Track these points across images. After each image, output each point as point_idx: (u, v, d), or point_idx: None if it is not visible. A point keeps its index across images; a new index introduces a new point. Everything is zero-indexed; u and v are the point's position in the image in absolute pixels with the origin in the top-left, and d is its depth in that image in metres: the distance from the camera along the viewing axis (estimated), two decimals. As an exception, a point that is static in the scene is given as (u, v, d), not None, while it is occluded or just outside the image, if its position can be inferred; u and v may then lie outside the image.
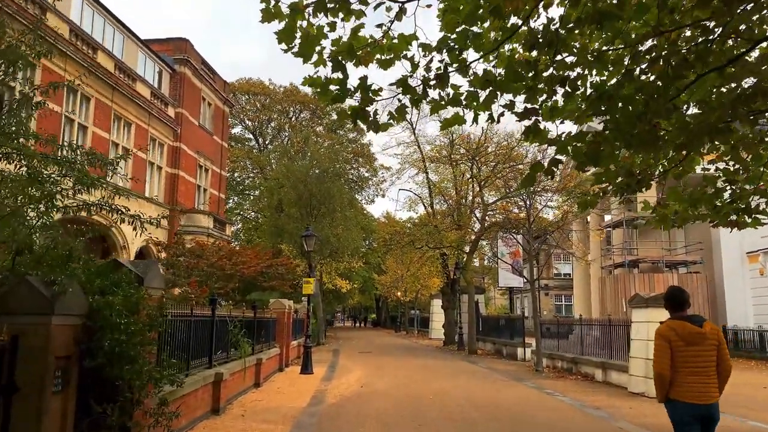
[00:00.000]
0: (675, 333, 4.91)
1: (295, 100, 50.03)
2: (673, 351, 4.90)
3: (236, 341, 12.43)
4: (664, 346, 4.92)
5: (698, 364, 4.85)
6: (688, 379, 4.86)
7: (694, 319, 4.98)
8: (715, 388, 4.93)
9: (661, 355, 4.94)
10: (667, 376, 4.92)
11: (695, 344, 4.86)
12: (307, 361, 18.15)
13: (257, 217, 47.36)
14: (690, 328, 4.89)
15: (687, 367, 4.87)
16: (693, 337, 4.87)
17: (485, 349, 30.04)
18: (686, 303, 5.09)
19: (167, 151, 24.51)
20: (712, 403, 4.90)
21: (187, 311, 9.06)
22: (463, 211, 31.09)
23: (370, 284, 62.92)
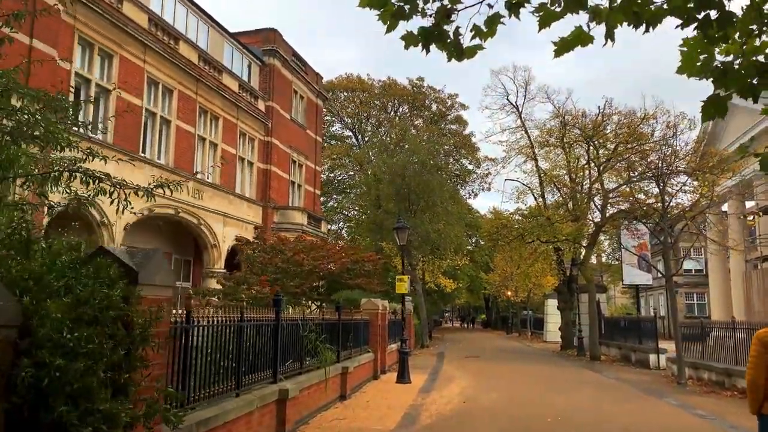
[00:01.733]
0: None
1: (393, 94, 48.48)
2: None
3: (313, 348, 10.66)
4: (759, 352, 4.40)
5: None
6: None
7: None
8: None
9: (755, 362, 4.41)
10: (760, 386, 4.35)
11: None
12: (404, 368, 16.15)
13: (359, 216, 46.26)
14: None
15: None
16: None
17: (609, 355, 26.57)
18: None
19: (258, 146, 23.57)
20: None
21: (234, 316, 7.32)
22: (580, 199, 27.76)
23: (478, 283, 60.05)
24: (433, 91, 49.63)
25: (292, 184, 26.22)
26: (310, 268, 11.82)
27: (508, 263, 46.23)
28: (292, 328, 9.65)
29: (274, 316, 8.71)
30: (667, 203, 19.32)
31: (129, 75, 16.35)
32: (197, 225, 19.39)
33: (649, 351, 21.79)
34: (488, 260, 55.89)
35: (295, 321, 9.77)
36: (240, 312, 7.36)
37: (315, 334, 10.74)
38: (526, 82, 33.04)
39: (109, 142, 15.59)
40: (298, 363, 9.91)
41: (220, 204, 20.38)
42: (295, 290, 11.33)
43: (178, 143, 18.57)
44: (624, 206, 24.72)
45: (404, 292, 16.66)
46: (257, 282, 10.94)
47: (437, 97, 49.47)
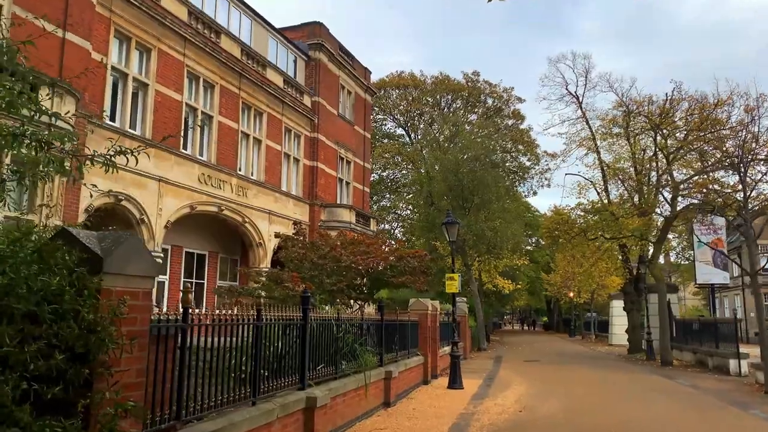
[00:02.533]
0: None
1: (446, 90, 47.21)
2: None
3: (350, 351, 9.76)
4: None
5: None
6: None
7: None
8: None
9: None
10: None
11: None
12: (455, 373, 15.04)
13: (412, 216, 45.23)
14: None
15: None
16: None
17: (682, 360, 24.52)
18: None
19: (304, 142, 22.96)
20: None
21: (249, 314, 6.48)
22: (647, 192, 25.82)
23: (539, 285, 57.91)
24: (489, 86, 48.06)
25: (339, 181, 25.51)
26: (348, 263, 10.94)
27: (569, 263, 44.20)
28: (324, 328, 8.76)
29: (301, 315, 7.85)
30: (749, 193, 17.45)
31: (168, 69, 15.98)
32: (242, 223, 18.89)
33: (729, 356, 19.82)
34: (549, 260, 53.79)
35: (328, 321, 8.87)
36: (257, 310, 6.51)
37: (352, 335, 9.83)
38: (587, 70, 31.25)
39: (147, 137, 15.23)
40: (332, 367, 9.02)
41: (265, 202, 19.84)
42: (331, 288, 10.46)
43: (221, 139, 18.13)
44: (697, 198, 22.72)
45: (455, 291, 15.55)
46: (290, 279, 10.15)
47: (493, 92, 47.87)
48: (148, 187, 15.08)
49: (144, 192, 14.95)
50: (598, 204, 27.30)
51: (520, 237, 34.51)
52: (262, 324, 6.62)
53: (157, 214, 15.33)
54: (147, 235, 15.04)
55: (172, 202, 15.84)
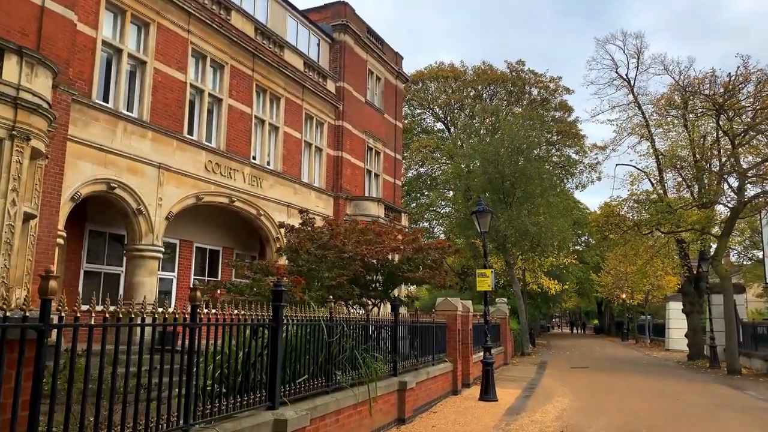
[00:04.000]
0: None
1: (488, 80, 44.91)
2: None
3: (350, 358, 8.04)
4: None
5: None
6: None
7: None
8: None
9: None
10: None
11: None
12: (488, 383, 13.13)
13: (451, 213, 43.13)
14: None
15: None
16: None
17: (752, 368, 21.83)
18: None
19: (328, 130, 21.39)
20: None
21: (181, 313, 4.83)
22: (709, 181, 23.17)
23: (589, 286, 54.90)
24: (534, 75, 45.53)
25: (367, 173, 23.83)
26: (353, 254, 9.22)
27: (621, 262, 41.34)
28: (310, 331, 7.07)
29: (270, 315, 6.17)
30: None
31: (169, 46, 14.64)
32: (256, 216, 17.43)
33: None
34: (599, 260, 50.84)
35: (315, 322, 7.17)
36: (191, 308, 4.86)
37: (352, 340, 8.11)
38: (639, 51, 28.55)
39: (144, 120, 13.89)
40: (322, 379, 7.32)
41: (283, 193, 18.35)
42: (330, 283, 8.77)
43: (232, 124, 16.72)
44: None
45: (486, 289, 13.63)
46: (277, 272, 8.48)
47: (539, 81, 45.31)
48: (146, 174, 13.75)
49: (141, 180, 13.62)
50: (653, 194, 24.77)
51: (567, 233, 32.06)
52: (198, 326, 4.96)
53: (156, 205, 13.98)
54: (145, 227, 13.71)
55: (174, 191, 14.48)
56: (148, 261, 13.83)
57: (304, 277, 8.87)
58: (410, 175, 45.98)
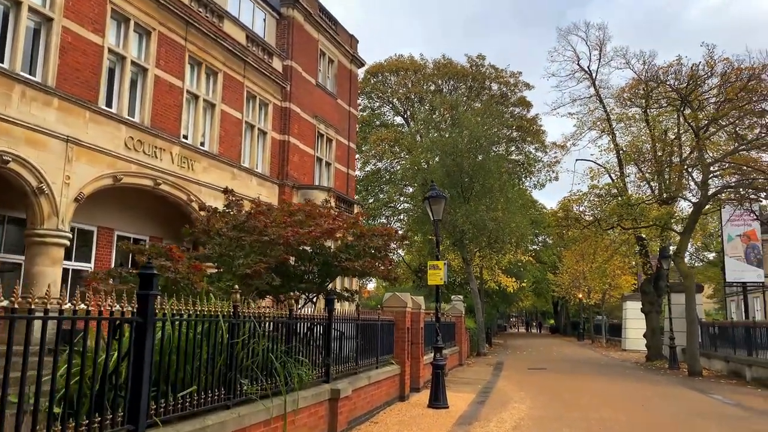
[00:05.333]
0: None
1: (448, 74, 43.78)
2: None
3: (263, 364, 6.50)
4: None
5: None
6: None
7: None
8: None
9: None
10: None
11: None
12: (438, 387, 11.73)
13: (409, 209, 41.77)
14: None
15: None
16: None
17: (712, 369, 21.14)
18: None
19: (273, 111, 19.69)
20: None
21: None
22: (671, 175, 22.41)
23: (545, 285, 54.51)
24: (495, 70, 44.60)
25: (318, 161, 22.21)
26: (274, 238, 7.64)
27: (578, 261, 40.80)
28: (203, 330, 5.49)
29: (135, 308, 4.57)
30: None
31: (82, 3, 12.74)
32: (187, 202, 15.64)
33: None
34: (556, 260, 50.39)
35: (212, 319, 5.59)
36: None
37: (267, 341, 6.57)
38: (601, 42, 27.73)
39: (49, 85, 11.99)
40: (221, 390, 5.74)
41: (219, 178, 16.59)
42: (244, 272, 7.18)
43: (159, 98, 14.89)
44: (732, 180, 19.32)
45: (438, 283, 12.24)
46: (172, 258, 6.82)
47: (499, 77, 44.40)
48: (49, 147, 11.84)
49: (44, 153, 11.72)
50: (614, 187, 23.92)
51: (526, 230, 31.09)
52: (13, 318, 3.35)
53: (63, 183, 12.10)
54: (48, 209, 11.81)
55: (86, 169, 12.61)
56: (51, 248, 11.94)
57: (215, 264, 7.31)
58: (368, 170, 44.52)
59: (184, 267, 6.39)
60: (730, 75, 19.03)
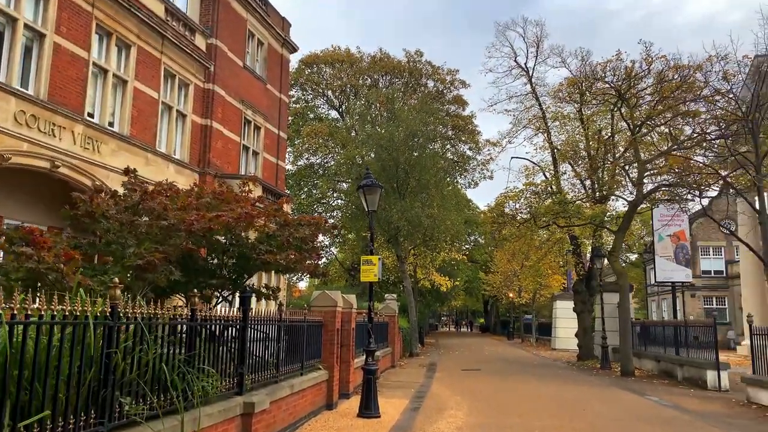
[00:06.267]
0: None
1: (385, 68, 42.85)
2: None
3: (154, 377, 5.23)
4: None
5: None
6: None
7: None
8: None
9: None
10: None
11: None
12: (370, 394, 10.67)
13: (342, 206, 40.50)
14: None
15: None
16: None
17: (643, 369, 21.16)
18: None
19: (194, 93, 18.06)
20: None
21: None
22: (609, 172, 22.30)
23: (477, 285, 54.67)
24: (432, 67, 43.99)
25: (244, 149, 20.68)
26: (174, 223, 6.35)
27: (511, 261, 40.88)
28: (66, 337, 4.18)
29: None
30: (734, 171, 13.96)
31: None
32: (92, 188, 13.81)
33: (706, 366, 16.39)
34: (488, 258, 50.52)
35: (79, 322, 4.28)
36: None
37: (158, 348, 5.29)
38: (539, 39, 27.55)
39: None
40: (92, 413, 4.43)
41: (130, 162, 14.72)
42: (135, 262, 5.87)
43: (59, 69, 13.07)
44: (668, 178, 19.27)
45: (373, 280, 11.19)
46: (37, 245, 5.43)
47: (435, 73, 43.83)
48: None
49: None
50: (550, 184, 23.65)
51: (460, 227, 30.57)
52: None
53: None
54: None
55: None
56: None
57: (102, 253, 5.97)
58: (301, 164, 42.99)
59: (51, 255, 5.03)
60: (666, 73, 18.96)
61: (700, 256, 52.04)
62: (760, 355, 13.48)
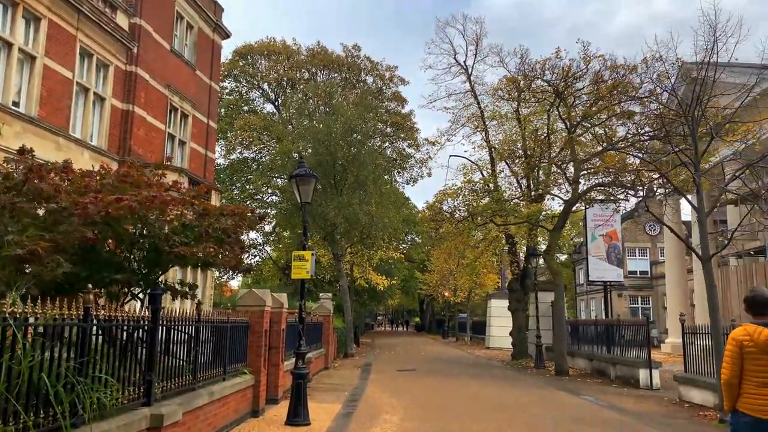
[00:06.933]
0: (749, 338, 4.46)
1: (323, 62, 41.91)
2: (744, 358, 4.44)
3: (32, 389, 4.30)
4: (735, 352, 4.48)
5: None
6: (758, 391, 4.39)
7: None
8: None
9: (730, 362, 4.52)
10: (736, 385, 4.49)
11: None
12: (300, 401, 9.88)
13: (277, 203, 39.26)
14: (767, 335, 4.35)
15: (757, 377, 4.39)
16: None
17: (577, 368, 21.27)
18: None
19: (115, 75, 16.70)
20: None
21: None
22: (543, 173, 22.33)
23: (413, 284, 54.58)
24: (371, 63, 43.40)
25: (170, 138, 19.39)
26: (65, 206, 5.43)
27: (447, 259, 40.80)
28: None
29: None
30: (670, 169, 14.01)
31: None
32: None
33: (638, 365, 16.49)
34: (425, 258, 50.45)
35: None
36: None
37: (44, 352, 4.38)
38: (478, 37, 27.35)
39: None
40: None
41: (39, 147, 13.22)
42: (15, 251, 4.91)
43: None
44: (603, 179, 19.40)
45: (304, 277, 10.41)
46: None
47: (374, 69, 43.26)
48: None
49: None
50: (489, 182, 23.49)
51: (398, 225, 30.10)
52: None
53: None
54: None
55: None
56: None
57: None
58: (234, 158, 41.45)
59: None
60: (603, 74, 19.06)
61: (626, 257, 53.84)
62: (691, 354, 13.62)
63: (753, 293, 4.70)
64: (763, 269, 20.31)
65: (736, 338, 4.52)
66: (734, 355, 4.48)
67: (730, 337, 4.64)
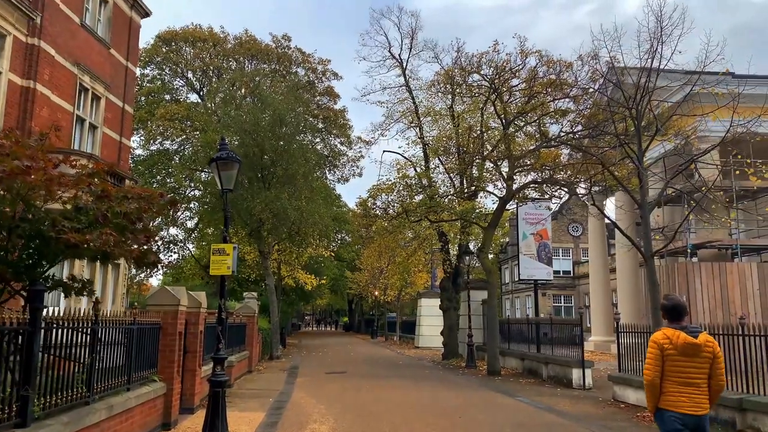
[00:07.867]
0: (669, 341, 4.77)
1: (251, 52, 40.21)
2: (665, 360, 4.77)
3: None
4: (656, 354, 4.81)
5: (690, 376, 4.73)
6: (678, 389, 4.75)
7: (690, 329, 4.82)
8: (706, 401, 4.78)
9: (653, 363, 4.83)
10: (657, 385, 4.81)
11: (689, 355, 4.73)
12: (217, 412, 8.76)
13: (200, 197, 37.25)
14: (684, 338, 4.74)
15: (678, 377, 4.76)
16: (687, 348, 4.73)
17: (509, 368, 21.02)
18: (684, 312, 4.93)
19: (13, 48, 14.86)
20: (702, 414, 4.73)
21: None
22: (479, 168, 21.98)
23: (343, 283, 53.64)
24: (302, 54, 42.03)
25: (79, 121, 17.57)
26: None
27: (377, 258, 40.15)
28: None
29: None
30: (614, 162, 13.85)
31: None
32: None
33: (571, 364, 16.31)
34: (355, 257, 49.65)
35: None
36: None
37: None
38: (413, 31, 26.88)
39: None
40: None
41: None
42: None
43: None
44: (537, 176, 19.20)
45: (225, 273, 9.31)
46: None
47: (306, 61, 41.92)
48: None
49: None
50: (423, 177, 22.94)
51: (329, 222, 29.08)
52: None
53: None
54: None
55: None
56: None
57: None
58: (154, 149, 39.06)
59: None
60: (539, 70, 18.85)
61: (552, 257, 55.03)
62: (625, 353, 13.47)
63: (669, 301, 4.97)
64: (684, 269, 20.84)
65: (657, 341, 4.84)
66: (656, 357, 4.80)
67: (651, 340, 4.95)
